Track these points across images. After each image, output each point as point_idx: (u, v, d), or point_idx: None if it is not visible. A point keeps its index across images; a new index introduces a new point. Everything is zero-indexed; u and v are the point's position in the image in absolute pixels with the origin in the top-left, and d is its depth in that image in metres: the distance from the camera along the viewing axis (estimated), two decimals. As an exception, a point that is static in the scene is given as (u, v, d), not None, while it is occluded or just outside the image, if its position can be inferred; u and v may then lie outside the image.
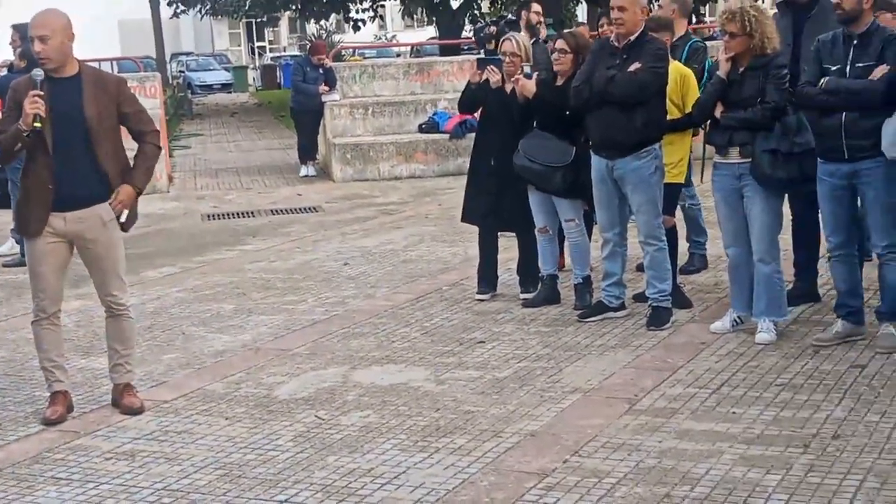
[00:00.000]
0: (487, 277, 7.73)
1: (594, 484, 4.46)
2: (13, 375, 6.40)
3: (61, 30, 5.37)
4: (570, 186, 7.02)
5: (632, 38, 6.63)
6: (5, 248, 10.39)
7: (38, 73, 5.35)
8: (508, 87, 7.34)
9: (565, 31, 7.73)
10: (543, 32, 10.82)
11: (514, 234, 7.82)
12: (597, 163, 6.81)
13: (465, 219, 7.85)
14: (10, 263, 9.84)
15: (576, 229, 7.21)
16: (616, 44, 6.70)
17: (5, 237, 10.51)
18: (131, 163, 5.59)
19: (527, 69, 7.25)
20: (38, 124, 5.23)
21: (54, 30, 5.34)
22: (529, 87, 7.13)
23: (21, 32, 10.46)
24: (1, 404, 5.84)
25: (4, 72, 11.95)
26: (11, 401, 5.91)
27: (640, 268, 7.74)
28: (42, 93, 5.27)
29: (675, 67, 6.96)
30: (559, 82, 7.10)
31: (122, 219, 5.49)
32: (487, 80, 7.38)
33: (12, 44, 10.29)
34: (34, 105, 5.22)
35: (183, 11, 36.22)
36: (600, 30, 8.59)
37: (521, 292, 7.59)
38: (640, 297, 7.15)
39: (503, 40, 7.61)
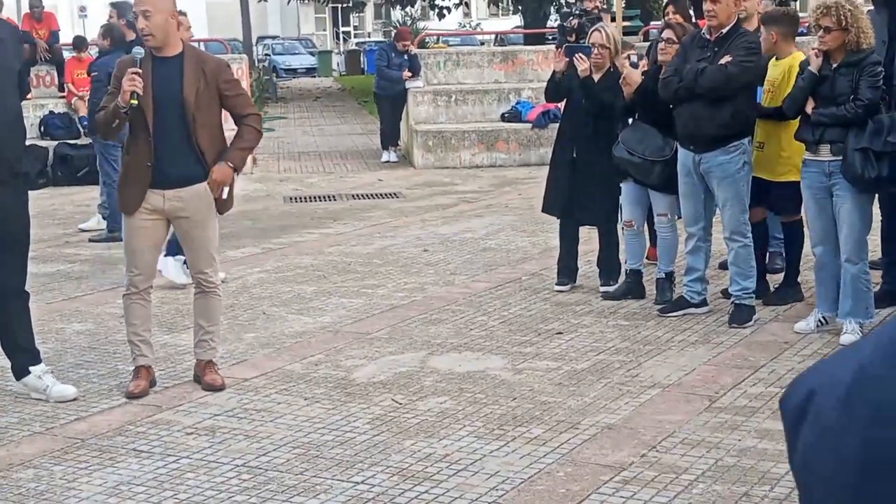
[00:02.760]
0: (567, 269, 7.70)
1: (671, 480, 4.43)
2: (98, 349, 6.53)
3: (165, 8, 5.44)
4: (666, 181, 6.94)
5: (724, 30, 6.55)
6: (92, 223, 10.59)
7: (139, 51, 5.44)
8: (596, 77, 7.30)
9: (673, 21, 7.61)
10: (612, 20, 10.73)
11: (594, 227, 7.77)
12: (683, 156, 6.75)
13: (545, 209, 7.83)
14: (96, 238, 10.03)
15: (667, 224, 7.15)
16: (708, 36, 6.63)
17: (92, 212, 10.72)
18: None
19: (633, 58, 7.17)
20: (134, 101, 5.31)
21: (158, 7, 5.42)
22: (634, 76, 7.06)
23: (120, 10, 10.67)
24: (86, 377, 5.96)
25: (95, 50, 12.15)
26: (96, 373, 6.03)
27: (723, 265, 7.66)
28: (140, 70, 5.35)
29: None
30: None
31: (224, 195, 5.55)
32: (574, 70, 7.33)
33: (110, 21, 10.46)
34: (132, 82, 5.30)
35: (270, -5, 36.56)
36: (665, 18, 8.47)
37: (601, 285, 7.55)
38: (726, 294, 7.08)
39: (592, 30, 7.56)
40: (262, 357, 6.33)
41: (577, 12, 9.69)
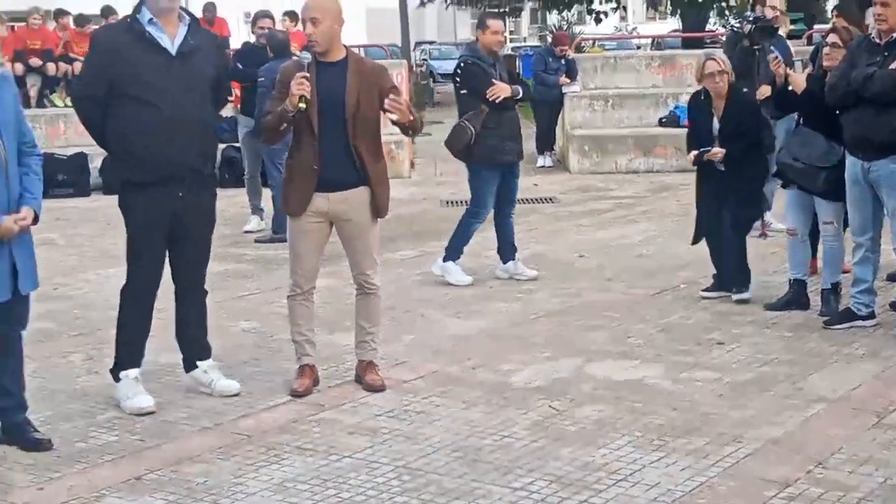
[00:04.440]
0: (719, 278, 7.58)
1: (839, 498, 4.29)
2: (264, 347, 6.68)
3: (332, 14, 5.53)
4: (833, 188, 6.74)
5: (895, 34, 6.32)
6: (252, 225, 10.85)
7: (306, 56, 5.56)
8: (721, 104, 7.30)
9: (839, 25, 7.41)
10: (785, 27, 10.45)
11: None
12: (851, 163, 6.54)
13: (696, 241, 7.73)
14: (261, 239, 10.28)
15: (833, 233, 6.93)
16: (878, 40, 6.41)
17: (246, 215, 10.96)
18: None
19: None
20: (302, 105, 5.42)
21: (325, 14, 5.51)
22: (799, 81, 6.89)
23: (290, 17, 10.97)
24: (252, 374, 6.10)
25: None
26: (262, 371, 6.17)
27: (891, 277, 7.39)
28: (308, 75, 5.45)
29: None
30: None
31: (393, 117, 5.51)
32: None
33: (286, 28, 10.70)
34: (300, 86, 5.39)
35: (429, 1, 36.85)
36: (832, 22, 8.24)
37: (735, 292, 7.36)
38: (894, 306, 6.84)
39: (707, 59, 7.42)
40: (421, 359, 6.38)
41: (751, 18, 9.44)
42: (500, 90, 7.91)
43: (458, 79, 8.23)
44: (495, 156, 8.05)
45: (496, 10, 22.09)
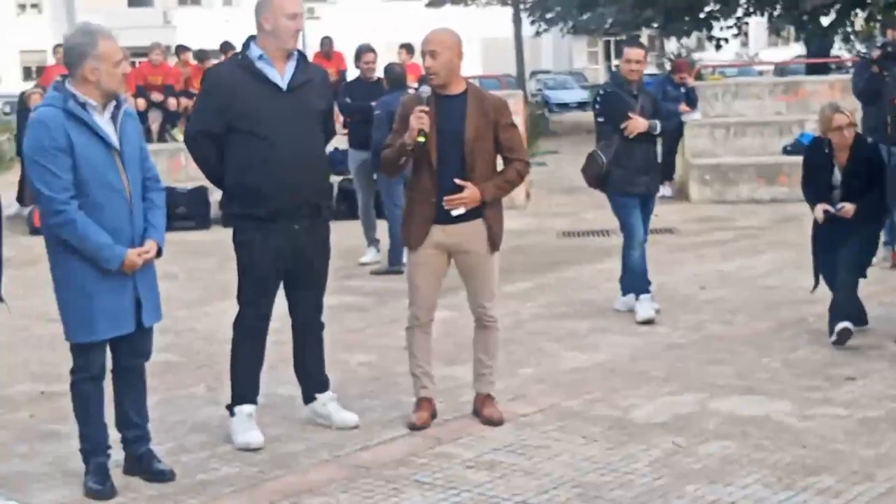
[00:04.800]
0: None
1: (980, 541, 4.14)
2: (382, 379, 6.73)
3: (451, 47, 5.59)
4: None
5: None
6: (369, 257, 10.97)
7: (426, 90, 5.61)
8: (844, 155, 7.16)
9: None
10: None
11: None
12: None
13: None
14: (378, 272, 10.38)
15: None
16: None
17: (361, 247, 11.08)
18: None
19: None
20: (421, 139, 5.47)
21: (445, 47, 5.57)
22: None
23: (407, 49, 11.10)
24: (369, 407, 6.15)
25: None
26: (380, 404, 6.22)
27: None
28: (427, 108, 5.51)
29: None
30: None
31: (455, 212, 5.59)
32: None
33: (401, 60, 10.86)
34: (420, 120, 5.46)
35: (545, 30, 36.94)
36: None
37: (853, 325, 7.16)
38: None
39: (832, 113, 7.27)
40: (538, 393, 6.36)
41: (881, 44, 9.26)
42: (635, 126, 7.84)
43: (596, 107, 8.21)
44: (624, 187, 8.00)
45: (635, 37, 21.87)
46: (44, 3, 54.80)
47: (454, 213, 5.59)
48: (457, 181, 5.53)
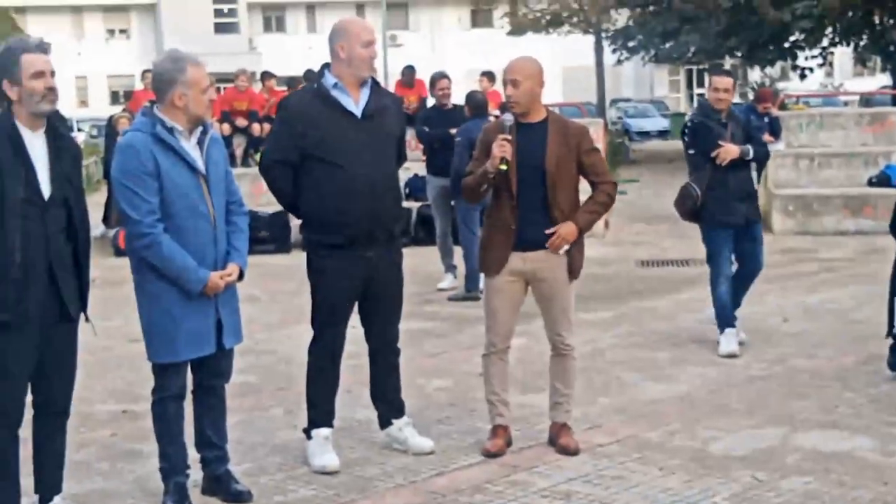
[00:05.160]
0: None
1: None
2: (458, 405, 6.73)
3: (533, 76, 5.61)
4: None
5: None
6: (446, 283, 11.00)
7: (508, 118, 5.63)
8: None
9: None
10: None
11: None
12: None
13: None
14: (455, 297, 10.40)
15: None
16: None
17: (439, 273, 11.11)
18: None
19: None
20: (503, 167, 5.49)
21: (526, 75, 5.59)
22: None
23: (489, 77, 11.16)
24: (445, 432, 6.15)
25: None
26: (455, 430, 6.22)
27: None
28: (510, 136, 5.53)
29: None
30: None
31: (561, 252, 5.62)
32: None
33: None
34: (502, 148, 5.48)
35: (626, 58, 36.83)
36: None
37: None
38: None
39: None
40: (616, 423, 6.31)
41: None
42: (727, 153, 7.75)
43: (685, 139, 8.15)
44: (720, 217, 7.90)
45: (720, 65, 21.60)
46: (132, 29, 56.01)
47: (561, 251, 5.59)
48: (548, 231, 5.55)
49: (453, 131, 10.70)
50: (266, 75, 17.68)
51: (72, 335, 4.76)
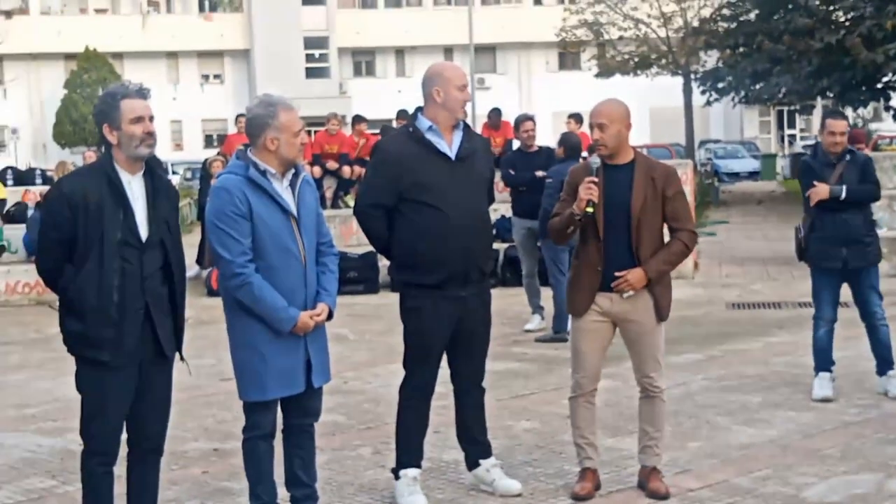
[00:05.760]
0: None
1: None
2: (545, 448, 6.69)
3: (620, 119, 5.61)
4: None
5: None
6: (534, 324, 10.97)
7: (595, 161, 5.64)
8: None
9: None
10: None
11: None
12: None
13: None
14: (542, 339, 10.37)
15: None
16: None
17: (526, 314, 11.08)
18: None
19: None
20: (590, 209, 5.49)
21: (613, 119, 5.59)
22: None
23: (576, 119, 11.20)
24: (533, 474, 6.11)
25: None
26: (543, 472, 6.18)
27: None
28: (596, 179, 5.53)
29: None
30: None
31: (624, 297, 5.56)
32: None
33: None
34: (588, 191, 5.49)
35: (716, 100, 36.56)
36: None
37: None
38: None
39: None
40: (706, 467, 6.21)
41: None
42: (815, 193, 7.60)
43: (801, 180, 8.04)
44: (819, 262, 7.78)
45: (834, 110, 21.45)
46: (226, 74, 57.12)
47: (625, 296, 5.56)
48: (618, 273, 5.51)
49: (539, 174, 10.74)
50: (357, 119, 17.87)
51: (167, 374, 4.84)
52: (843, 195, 7.58)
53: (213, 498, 5.93)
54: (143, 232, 4.66)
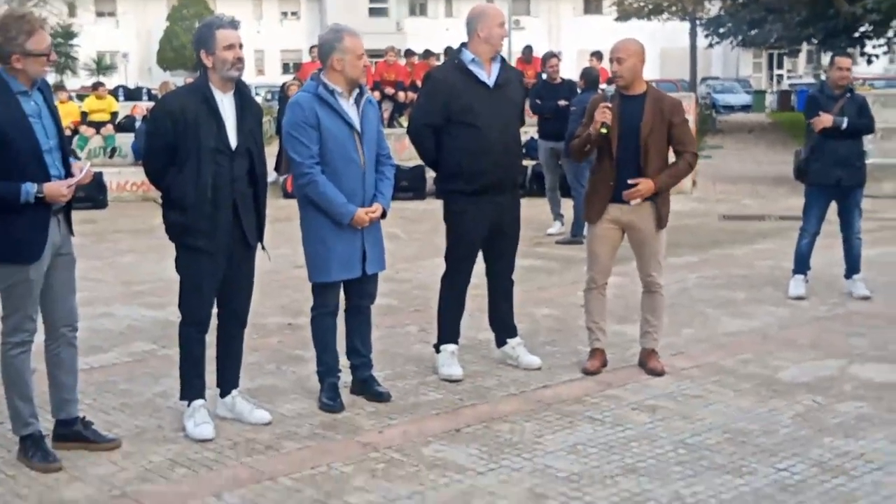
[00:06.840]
0: None
1: None
2: (563, 331, 6.71)
3: (635, 54, 5.51)
4: None
5: None
6: (554, 228, 10.95)
7: (609, 90, 5.56)
8: None
9: None
10: None
11: None
12: None
13: None
14: (562, 241, 10.34)
15: None
16: None
17: (549, 221, 11.04)
18: None
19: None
20: (603, 130, 5.42)
21: (629, 54, 5.49)
22: None
23: (596, 56, 11.07)
24: (551, 353, 6.14)
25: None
26: (560, 351, 6.20)
27: None
28: (610, 105, 5.45)
29: None
30: None
31: (632, 203, 5.50)
32: None
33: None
34: (603, 114, 5.42)
35: (717, 42, 35.79)
36: None
37: None
38: None
39: None
40: (697, 351, 6.21)
41: None
42: (819, 121, 7.45)
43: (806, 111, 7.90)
44: (817, 178, 7.64)
45: (844, 49, 20.69)
46: (301, 12, 56.50)
47: (633, 203, 5.50)
48: (630, 181, 5.44)
49: (562, 102, 10.69)
50: (409, 53, 17.71)
51: (251, 260, 4.87)
52: (845, 125, 7.46)
53: (287, 363, 6.01)
54: (233, 141, 4.64)
